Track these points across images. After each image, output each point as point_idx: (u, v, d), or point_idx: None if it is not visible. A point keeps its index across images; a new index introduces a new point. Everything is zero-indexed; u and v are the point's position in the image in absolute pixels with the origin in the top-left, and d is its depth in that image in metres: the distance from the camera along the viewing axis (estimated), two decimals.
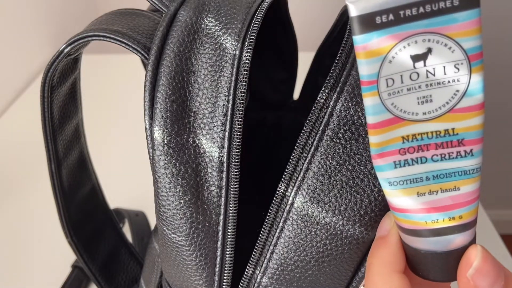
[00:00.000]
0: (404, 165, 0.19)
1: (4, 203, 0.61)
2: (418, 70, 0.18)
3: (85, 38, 0.27)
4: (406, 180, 0.19)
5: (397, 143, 0.19)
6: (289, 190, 0.24)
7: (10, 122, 0.77)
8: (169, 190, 0.24)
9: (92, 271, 0.40)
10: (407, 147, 0.19)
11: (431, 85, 0.18)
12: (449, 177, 0.19)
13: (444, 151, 0.19)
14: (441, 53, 0.18)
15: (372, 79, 0.18)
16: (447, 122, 0.19)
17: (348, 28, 0.26)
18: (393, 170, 0.19)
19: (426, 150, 0.19)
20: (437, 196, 0.19)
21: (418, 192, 0.19)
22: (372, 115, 0.19)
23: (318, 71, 0.38)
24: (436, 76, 0.18)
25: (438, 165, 0.19)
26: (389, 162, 0.19)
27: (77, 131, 0.35)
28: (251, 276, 0.26)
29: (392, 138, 0.19)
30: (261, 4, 0.27)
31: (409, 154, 0.19)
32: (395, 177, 0.20)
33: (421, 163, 0.19)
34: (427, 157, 0.19)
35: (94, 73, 0.77)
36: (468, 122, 0.19)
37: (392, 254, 0.21)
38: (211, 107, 0.25)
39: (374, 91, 0.19)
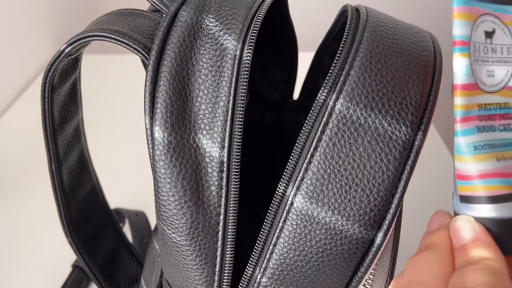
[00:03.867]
0: (483, 130, 0.20)
1: (4, 203, 0.61)
2: (487, 45, 0.20)
3: (86, 38, 0.27)
4: (488, 144, 0.20)
5: (475, 109, 0.20)
6: (289, 190, 0.24)
7: (10, 122, 0.77)
8: (169, 190, 0.25)
9: (92, 271, 0.40)
10: (482, 115, 0.20)
11: (494, 62, 0.20)
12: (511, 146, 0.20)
13: (506, 122, 0.21)
14: (501, 35, 0.20)
15: (466, 40, 0.20)
16: (504, 96, 0.20)
17: (347, 28, 0.26)
18: (476, 134, 0.20)
19: (494, 119, 0.20)
20: (508, 163, 0.20)
21: (497, 157, 0.20)
22: (463, 76, 0.20)
23: (318, 71, 0.38)
24: (497, 54, 0.20)
25: (504, 134, 0.20)
26: (473, 127, 0.20)
27: (77, 131, 0.35)
28: (251, 276, 0.26)
29: (472, 103, 0.20)
30: (262, 4, 0.27)
31: (484, 121, 0.20)
32: (480, 141, 0.20)
33: (492, 131, 0.20)
34: (495, 126, 0.20)
35: (94, 73, 0.77)
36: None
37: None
38: (212, 107, 0.25)
39: (466, 52, 0.20)
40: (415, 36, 0.27)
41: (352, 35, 0.25)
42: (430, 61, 0.25)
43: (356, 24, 0.26)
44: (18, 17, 0.85)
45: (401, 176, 0.24)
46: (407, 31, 0.27)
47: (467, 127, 0.20)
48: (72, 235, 0.37)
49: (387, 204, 0.24)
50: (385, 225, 0.24)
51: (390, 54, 0.25)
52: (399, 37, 0.26)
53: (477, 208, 0.20)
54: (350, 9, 0.27)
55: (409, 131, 0.24)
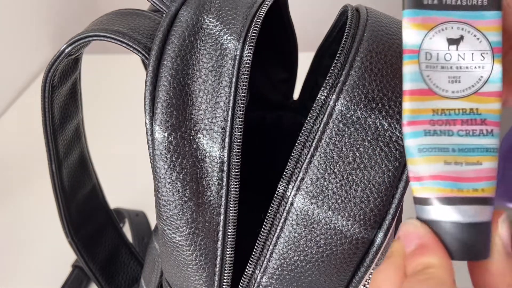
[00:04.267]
0: (433, 134, 0.21)
1: (4, 203, 0.61)
2: (451, 52, 0.21)
3: (86, 38, 0.27)
4: (435, 148, 0.21)
5: (428, 114, 0.21)
6: (289, 190, 0.24)
7: (10, 122, 0.77)
8: (169, 190, 0.25)
9: (92, 271, 0.40)
10: (436, 120, 0.21)
11: (461, 68, 0.21)
12: (473, 151, 0.21)
13: (469, 128, 0.21)
14: (471, 41, 0.21)
15: (415, 48, 0.21)
16: (472, 102, 0.21)
17: (347, 28, 0.26)
18: (423, 137, 0.21)
19: (453, 125, 0.21)
20: (462, 168, 0.21)
21: (445, 161, 0.21)
22: (409, 82, 0.21)
23: (318, 71, 0.38)
24: (465, 61, 0.21)
25: (463, 139, 0.21)
26: (420, 130, 0.21)
27: (77, 131, 0.35)
28: (251, 276, 0.26)
29: (424, 108, 0.21)
30: (262, 4, 0.27)
31: (438, 126, 0.21)
32: (425, 144, 0.21)
33: (448, 135, 0.21)
34: (454, 131, 0.21)
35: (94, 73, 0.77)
36: (490, 105, 0.21)
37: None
38: (212, 107, 0.25)
39: (415, 60, 0.21)
40: None
41: (352, 35, 0.25)
42: None
43: (356, 24, 0.26)
44: (18, 17, 0.85)
45: (401, 176, 0.24)
46: None
47: (414, 130, 0.21)
48: (72, 235, 0.37)
49: (387, 204, 0.24)
50: (385, 225, 0.24)
51: (391, 54, 0.25)
52: (400, 37, 0.26)
53: (427, 210, 0.21)
54: (350, 9, 0.27)
55: None
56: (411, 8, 0.21)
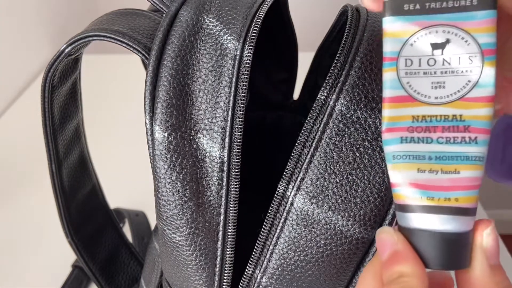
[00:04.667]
0: (410, 141, 0.21)
1: (4, 203, 0.61)
2: (436, 57, 0.20)
3: (86, 38, 0.27)
4: (409, 155, 0.21)
5: (406, 121, 0.21)
6: (289, 190, 0.24)
7: (10, 122, 0.77)
8: (169, 190, 0.25)
9: (92, 271, 0.40)
10: (415, 126, 0.20)
11: (446, 73, 0.20)
12: (451, 160, 0.20)
13: (450, 135, 0.20)
14: (458, 45, 0.20)
15: (393, 56, 0.20)
16: (456, 108, 0.20)
17: (347, 28, 0.26)
18: (398, 145, 0.21)
19: (433, 131, 0.20)
20: (437, 176, 0.20)
21: (419, 168, 0.20)
22: (388, 89, 0.21)
23: (318, 71, 0.38)
24: (451, 65, 0.20)
25: (442, 147, 0.20)
26: (397, 137, 0.21)
27: (77, 131, 0.35)
28: (251, 276, 0.26)
29: (403, 115, 0.21)
30: (262, 4, 0.27)
31: (416, 133, 0.20)
32: (399, 151, 0.21)
33: (426, 143, 0.20)
34: (433, 138, 0.20)
35: (94, 73, 0.77)
36: (476, 111, 0.20)
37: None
38: (212, 107, 0.25)
39: (393, 67, 0.20)
40: None
41: (352, 35, 0.25)
42: None
43: (356, 24, 0.26)
44: (18, 17, 0.85)
45: None
46: None
47: (390, 137, 0.21)
48: (72, 235, 0.37)
49: (387, 204, 0.24)
50: (385, 225, 0.24)
51: None
52: None
53: (402, 217, 0.21)
54: (350, 9, 0.27)
55: None
56: (390, 15, 0.20)
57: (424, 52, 0.20)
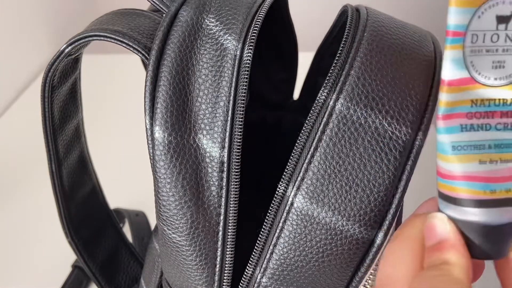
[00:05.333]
0: (470, 129, 0.19)
1: (4, 203, 0.61)
2: (499, 32, 0.18)
3: (86, 38, 0.27)
4: (471, 145, 0.19)
5: (466, 106, 0.19)
6: (289, 190, 0.24)
7: (10, 122, 0.77)
8: (169, 190, 0.25)
9: (92, 271, 0.40)
10: (474, 112, 0.19)
11: (507, 51, 0.18)
12: (509, 147, 0.19)
13: (508, 121, 0.19)
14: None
15: (460, 30, 0.18)
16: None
17: (347, 28, 0.26)
18: (459, 134, 0.19)
19: (492, 117, 0.19)
20: (497, 166, 0.19)
21: (480, 160, 0.19)
22: (450, 70, 0.18)
23: (318, 71, 0.38)
24: (510, 42, 0.18)
25: (500, 134, 0.19)
26: (456, 125, 0.19)
27: (77, 131, 0.35)
28: (251, 276, 0.26)
29: (463, 99, 0.19)
30: (262, 4, 0.27)
31: (475, 119, 0.19)
32: (461, 141, 0.19)
33: (485, 130, 0.19)
34: (491, 125, 0.19)
35: (94, 73, 0.77)
36: None
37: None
38: (212, 107, 0.25)
39: (459, 44, 0.18)
40: (415, 36, 0.27)
41: (352, 35, 0.25)
42: (430, 61, 0.25)
43: (356, 24, 0.26)
44: (18, 17, 0.85)
45: (401, 176, 0.24)
46: (407, 31, 0.27)
47: (449, 125, 0.19)
48: (72, 235, 0.37)
49: (387, 204, 0.24)
50: (385, 225, 0.24)
51: (391, 54, 0.25)
52: (400, 37, 0.26)
53: (454, 209, 0.19)
54: (350, 9, 0.27)
55: (409, 131, 0.24)
56: None
57: (490, 26, 0.18)
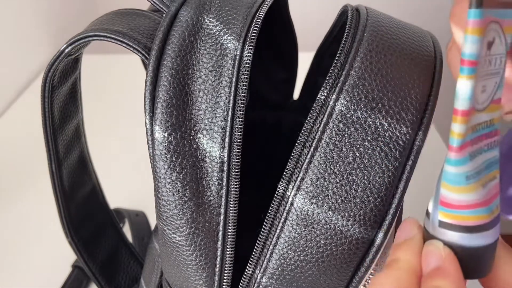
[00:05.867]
0: (474, 157, 0.18)
1: (4, 203, 0.61)
2: (486, 57, 0.18)
3: (86, 38, 0.27)
4: (477, 172, 0.18)
5: (469, 135, 0.18)
6: (289, 190, 0.24)
7: (10, 122, 0.77)
8: (169, 190, 0.25)
9: (92, 271, 0.40)
10: (473, 139, 0.18)
11: (488, 75, 0.18)
12: (491, 166, 0.19)
13: (489, 141, 0.19)
14: (498, 44, 0.18)
15: (474, 59, 0.17)
16: (490, 112, 0.18)
17: (347, 28, 0.26)
18: (469, 163, 0.18)
19: (482, 140, 0.19)
20: (488, 187, 0.19)
21: (482, 185, 0.19)
22: (465, 101, 0.17)
23: (318, 71, 0.38)
24: (491, 66, 0.18)
25: (486, 155, 0.19)
26: (466, 156, 0.18)
27: (77, 131, 0.35)
28: (251, 276, 0.26)
29: (468, 129, 0.18)
30: (262, 4, 0.27)
31: (475, 146, 0.18)
32: (471, 170, 0.18)
33: (480, 154, 0.19)
34: (482, 148, 0.19)
35: (94, 73, 0.77)
36: (498, 113, 0.19)
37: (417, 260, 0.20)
38: (212, 107, 0.25)
39: (474, 74, 0.17)
40: (415, 36, 0.27)
41: (352, 35, 0.25)
42: (430, 61, 0.25)
43: (356, 24, 0.26)
44: (18, 17, 0.85)
45: (401, 176, 0.24)
46: (407, 31, 0.27)
47: (462, 156, 0.18)
48: (72, 235, 0.37)
49: (387, 204, 0.24)
50: (385, 225, 0.24)
51: (390, 54, 0.25)
52: (400, 37, 0.26)
53: (452, 236, 0.19)
54: (350, 9, 0.27)
55: (409, 131, 0.24)
56: (479, 7, 0.16)
57: (483, 52, 0.17)
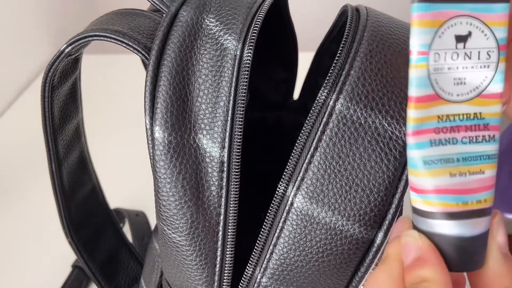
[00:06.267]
0: (439, 144, 0.19)
1: (4, 203, 0.61)
2: (459, 51, 0.19)
3: (86, 38, 0.27)
4: (441, 159, 0.19)
5: (433, 122, 0.19)
6: (289, 190, 0.24)
7: (10, 122, 0.77)
8: (169, 190, 0.25)
9: (92, 271, 0.40)
10: (441, 127, 0.19)
11: (466, 68, 0.19)
12: (476, 160, 0.20)
13: (472, 134, 0.19)
14: (479, 38, 0.19)
15: (424, 49, 0.19)
16: (476, 105, 0.19)
17: (347, 28, 0.26)
18: (429, 148, 0.19)
19: (457, 131, 0.19)
20: (466, 179, 0.20)
21: (451, 173, 0.19)
22: (415, 87, 0.19)
23: (318, 71, 0.38)
24: (471, 60, 0.19)
25: (467, 147, 0.20)
26: (426, 140, 0.19)
27: (77, 131, 0.35)
28: (251, 276, 0.26)
29: (429, 116, 0.19)
30: (262, 4, 0.27)
31: (442, 134, 0.19)
32: (431, 155, 0.19)
33: (452, 144, 0.20)
34: (458, 139, 0.20)
35: (94, 73, 0.77)
36: (492, 108, 0.19)
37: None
38: (212, 107, 0.25)
39: (424, 62, 0.19)
40: None
41: (352, 35, 0.25)
42: None
43: (356, 24, 0.26)
44: (18, 17, 0.85)
45: (401, 176, 0.24)
46: (407, 31, 0.27)
47: (419, 141, 0.19)
48: (72, 235, 0.37)
49: (387, 204, 0.24)
50: (385, 225, 0.24)
51: (391, 54, 0.25)
52: (400, 37, 0.26)
53: (428, 223, 0.20)
54: (350, 9, 0.28)
55: None
56: (422, 2, 0.18)
57: (450, 45, 0.19)
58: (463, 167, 0.20)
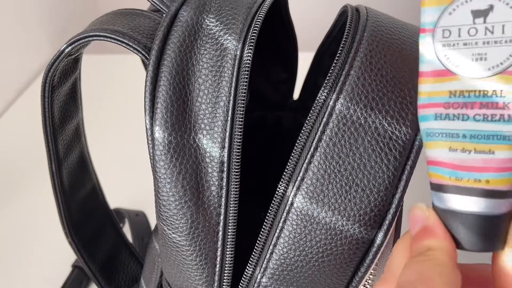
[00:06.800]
0: (445, 118, 0.20)
1: (4, 203, 0.61)
2: (477, 26, 0.19)
3: (86, 38, 0.27)
4: (443, 133, 0.20)
5: (443, 97, 0.19)
6: (289, 190, 0.24)
7: (10, 122, 0.77)
8: (169, 190, 0.25)
9: (92, 271, 0.40)
10: (452, 102, 0.19)
11: (488, 43, 0.19)
12: (486, 139, 0.19)
13: (488, 112, 0.19)
14: (502, 11, 0.18)
15: (430, 27, 0.19)
16: (497, 83, 0.19)
17: (347, 28, 0.26)
18: (432, 121, 0.20)
19: (470, 108, 0.19)
20: (469, 156, 0.19)
21: (450, 147, 0.20)
22: (425, 63, 0.20)
23: (318, 71, 0.38)
24: (494, 34, 0.18)
25: (478, 125, 0.19)
26: (431, 113, 0.20)
27: (77, 131, 0.35)
28: (251, 276, 0.26)
29: (440, 90, 0.19)
30: (262, 4, 0.27)
31: (452, 109, 0.19)
32: (433, 128, 0.20)
33: (462, 120, 0.19)
34: (469, 115, 0.19)
35: (94, 73, 0.77)
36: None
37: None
38: (212, 107, 0.25)
39: (430, 39, 0.19)
40: (415, 36, 0.27)
41: (352, 35, 0.25)
42: None
43: (356, 24, 0.26)
44: (18, 17, 0.85)
45: (401, 176, 0.24)
46: (407, 31, 0.27)
47: (424, 113, 0.20)
48: (72, 235, 0.37)
49: (387, 204, 0.24)
50: (385, 225, 0.24)
51: (390, 54, 0.25)
52: (399, 37, 0.26)
53: (437, 196, 0.20)
54: (350, 9, 0.28)
55: (409, 131, 0.24)
56: None
57: (465, 21, 0.19)
58: (469, 143, 0.19)
